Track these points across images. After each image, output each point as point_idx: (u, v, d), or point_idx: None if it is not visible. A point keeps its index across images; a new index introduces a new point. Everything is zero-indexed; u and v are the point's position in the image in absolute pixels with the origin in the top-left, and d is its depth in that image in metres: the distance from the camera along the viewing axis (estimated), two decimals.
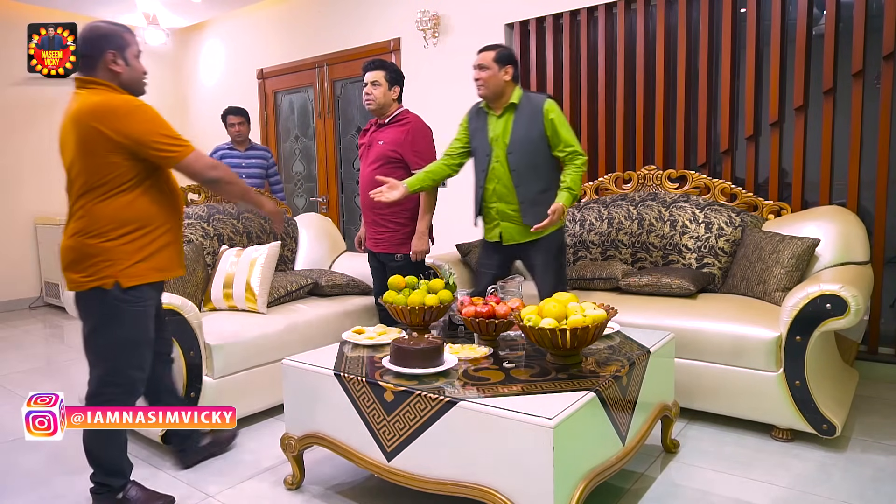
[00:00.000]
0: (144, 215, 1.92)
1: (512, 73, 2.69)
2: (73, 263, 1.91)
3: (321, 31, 5.26)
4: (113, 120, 1.82)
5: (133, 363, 1.99)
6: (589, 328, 1.87)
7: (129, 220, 1.90)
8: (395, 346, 1.96)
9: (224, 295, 2.96)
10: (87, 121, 1.82)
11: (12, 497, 2.21)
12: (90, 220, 1.88)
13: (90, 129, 1.82)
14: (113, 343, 1.94)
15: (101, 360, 1.96)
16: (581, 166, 2.68)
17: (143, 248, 1.93)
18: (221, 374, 2.60)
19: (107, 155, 1.84)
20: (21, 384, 3.47)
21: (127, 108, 1.85)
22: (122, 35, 1.93)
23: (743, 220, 3.09)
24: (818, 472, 2.21)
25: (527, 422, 1.59)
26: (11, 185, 5.59)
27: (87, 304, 1.93)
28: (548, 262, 2.77)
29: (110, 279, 1.88)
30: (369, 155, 2.99)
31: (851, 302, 2.23)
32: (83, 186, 1.88)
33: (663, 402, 2.28)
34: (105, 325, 1.92)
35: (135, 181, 1.90)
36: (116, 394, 1.96)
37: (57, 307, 5.62)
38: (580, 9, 3.87)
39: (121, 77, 1.92)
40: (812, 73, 3.25)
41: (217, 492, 2.20)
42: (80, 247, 1.89)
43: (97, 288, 1.89)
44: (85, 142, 1.84)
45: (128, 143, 1.84)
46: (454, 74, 4.43)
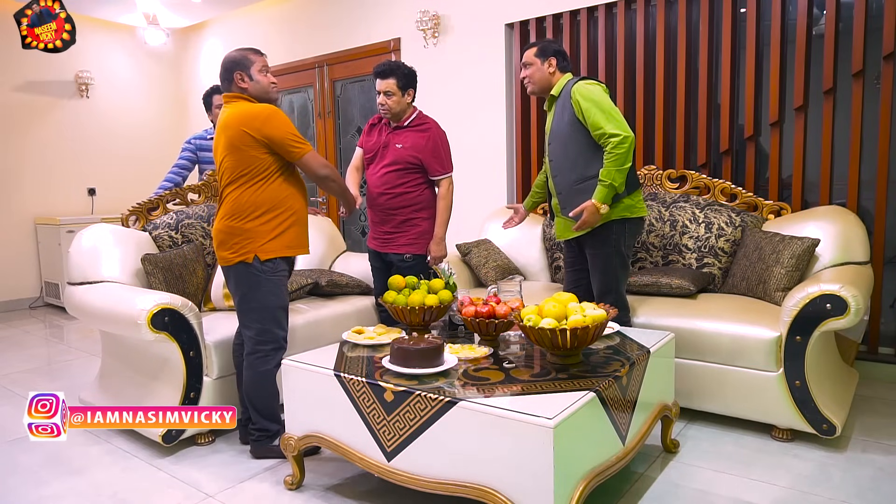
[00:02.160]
0: (277, 200, 2.35)
1: (556, 64, 2.63)
2: (222, 243, 2.36)
3: (321, 31, 5.26)
4: (255, 123, 2.27)
5: (276, 323, 2.39)
6: (589, 328, 1.87)
7: (264, 204, 2.33)
8: (396, 346, 1.96)
9: (224, 295, 2.96)
10: (235, 125, 2.28)
11: (12, 497, 2.21)
12: (235, 206, 2.33)
13: (237, 131, 2.28)
14: (258, 307, 2.36)
15: (252, 322, 2.38)
16: (614, 149, 2.40)
17: (275, 228, 2.35)
18: (221, 374, 2.60)
19: (249, 150, 2.29)
20: (21, 384, 3.47)
21: (266, 114, 2.30)
22: (245, 56, 2.37)
23: (743, 220, 3.09)
24: (818, 472, 2.21)
25: (527, 422, 1.59)
26: (11, 185, 5.59)
27: (236, 277, 2.37)
28: (594, 260, 2.63)
29: (251, 254, 2.33)
30: (385, 156, 2.96)
31: (851, 302, 2.23)
32: (230, 178, 2.34)
33: (663, 402, 2.28)
34: (251, 292, 2.35)
35: (269, 172, 2.33)
36: (267, 350, 2.38)
37: (57, 307, 5.62)
38: (580, 9, 3.87)
39: (248, 90, 2.36)
40: (812, 73, 3.25)
41: (217, 492, 2.20)
42: (226, 229, 2.34)
43: (242, 262, 2.34)
44: (232, 141, 2.30)
45: (266, 140, 2.28)
46: (454, 74, 4.44)
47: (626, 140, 2.41)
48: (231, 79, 2.35)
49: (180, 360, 2.46)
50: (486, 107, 4.33)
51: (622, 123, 2.46)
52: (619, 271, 2.61)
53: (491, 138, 4.31)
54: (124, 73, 6.29)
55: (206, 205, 3.40)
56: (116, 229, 3.01)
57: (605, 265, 2.60)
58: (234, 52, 2.39)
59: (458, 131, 4.19)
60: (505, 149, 4.27)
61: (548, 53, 2.63)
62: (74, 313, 2.80)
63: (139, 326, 2.35)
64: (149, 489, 2.23)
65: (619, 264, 2.60)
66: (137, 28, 6.21)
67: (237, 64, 2.35)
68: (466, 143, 4.27)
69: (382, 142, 2.98)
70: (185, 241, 3.16)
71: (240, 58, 2.36)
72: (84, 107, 6.00)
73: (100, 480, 2.31)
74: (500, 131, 4.28)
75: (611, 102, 2.51)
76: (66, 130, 5.90)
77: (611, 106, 2.49)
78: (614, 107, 2.50)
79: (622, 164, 2.42)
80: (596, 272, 2.64)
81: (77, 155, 5.97)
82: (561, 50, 2.66)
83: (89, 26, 5.94)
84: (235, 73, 2.34)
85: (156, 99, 6.49)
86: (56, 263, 5.48)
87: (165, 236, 3.13)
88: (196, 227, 3.24)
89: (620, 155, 2.41)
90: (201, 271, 3.05)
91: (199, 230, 3.24)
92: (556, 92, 2.64)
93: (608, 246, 2.58)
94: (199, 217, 3.29)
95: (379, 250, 3.05)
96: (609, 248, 2.59)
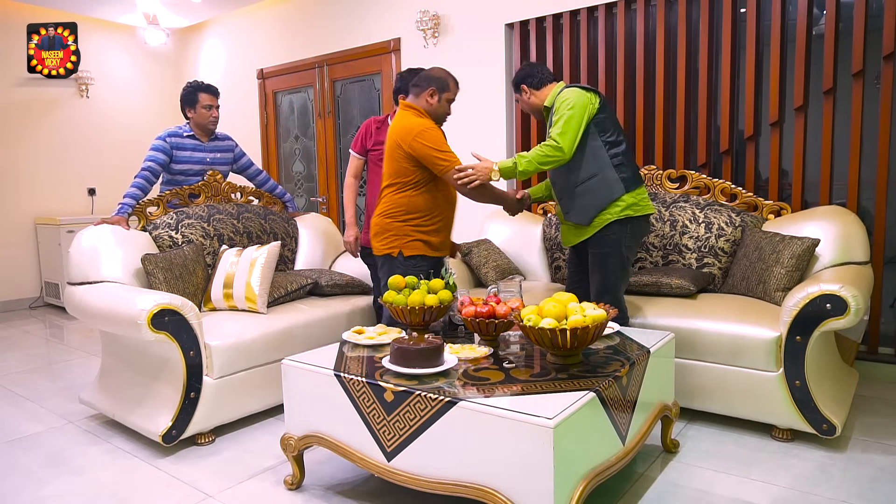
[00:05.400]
0: (423, 207, 2.61)
1: (530, 90, 2.70)
2: (376, 234, 2.68)
3: (321, 31, 5.26)
4: (408, 138, 2.52)
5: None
6: (589, 328, 1.87)
7: (412, 209, 2.60)
8: (396, 346, 1.96)
9: (224, 295, 2.96)
10: (394, 136, 2.58)
11: (12, 497, 2.21)
12: (388, 205, 2.64)
13: (394, 142, 2.58)
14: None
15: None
16: (546, 150, 2.45)
17: (419, 229, 2.62)
18: (221, 374, 2.60)
19: (401, 161, 2.57)
20: (21, 384, 3.47)
21: (418, 130, 2.52)
22: (447, 81, 2.62)
23: (743, 220, 3.09)
24: (818, 472, 2.21)
25: (527, 422, 1.59)
26: (11, 185, 5.59)
27: (383, 265, 2.70)
28: (594, 259, 2.64)
29: (396, 249, 2.63)
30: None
31: (851, 302, 2.23)
32: (386, 181, 2.65)
33: (663, 402, 2.28)
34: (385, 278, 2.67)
35: (419, 181, 2.58)
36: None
37: (57, 307, 5.62)
38: (580, 9, 3.87)
39: (429, 108, 2.60)
40: (812, 73, 3.25)
41: (217, 492, 2.20)
42: (380, 223, 2.66)
43: (388, 254, 2.64)
44: (391, 149, 2.60)
45: (414, 154, 2.52)
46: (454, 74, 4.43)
47: (560, 155, 2.46)
48: (422, 89, 2.58)
49: (180, 360, 2.46)
50: (485, 107, 4.33)
51: (569, 141, 2.47)
52: (618, 273, 2.60)
53: (491, 138, 4.31)
54: (124, 73, 6.29)
55: (206, 205, 3.40)
56: (116, 229, 3.01)
57: (604, 265, 2.60)
58: (441, 71, 2.63)
59: (458, 131, 4.19)
60: (505, 149, 4.27)
61: (518, 84, 2.73)
62: (74, 313, 2.80)
63: (139, 326, 2.35)
64: (149, 489, 2.23)
65: (618, 265, 2.59)
66: (137, 28, 6.21)
67: (436, 82, 2.58)
68: (466, 143, 4.26)
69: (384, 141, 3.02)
70: (185, 241, 3.16)
71: (444, 79, 2.60)
72: (84, 107, 6.00)
73: (100, 480, 2.31)
74: (500, 131, 4.28)
75: (580, 117, 2.48)
76: (65, 130, 5.90)
77: (577, 120, 2.48)
78: (579, 122, 2.48)
79: (539, 164, 2.46)
80: (595, 271, 2.64)
81: (77, 155, 5.98)
82: (526, 73, 2.71)
83: (89, 26, 5.94)
84: (431, 88, 2.57)
85: (156, 99, 6.49)
86: (56, 263, 5.48)
87: (165, 236, 3.13)
88: (196, 228, 3.24)
89: (545, 159, 2.46)
90: (201, 271, 3.05)
91: (199, 230, 3.24)
92: (548, 103, 2.68)
93: (608, 246, 2.58)
94: (199, 217, 3.29)
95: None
96: (608, 248, 2.58)
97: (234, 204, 3.52)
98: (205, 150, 3.49)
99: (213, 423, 2.61)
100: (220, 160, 3.57)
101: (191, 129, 3.45)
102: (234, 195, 3.62)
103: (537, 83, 2.70)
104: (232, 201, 3.56)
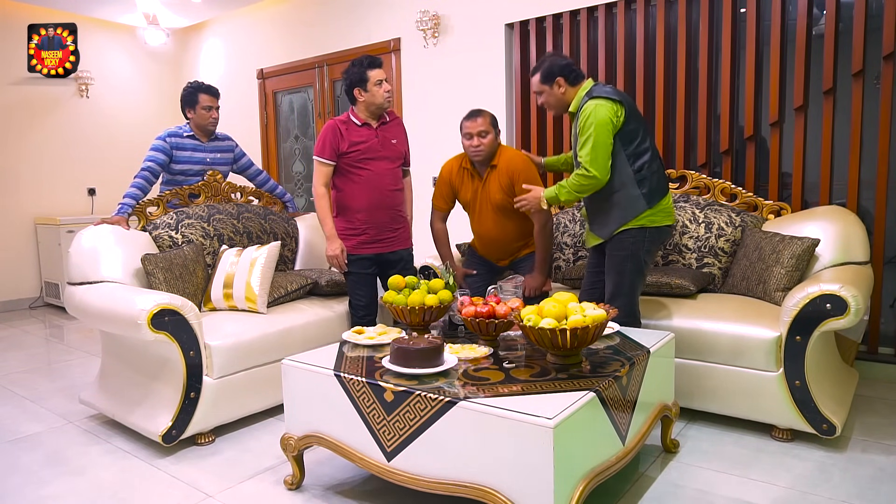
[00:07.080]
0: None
1: (565, 82, 2.57)
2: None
3: (321, 31, 5.26)
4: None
5: None
6: (589, 328, 1.87)
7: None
8: (396, 346, 1.96)
9: (224, 295, 2.96)
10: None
11: (12, 497, 2.21)
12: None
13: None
14: None
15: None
16: (580, 179, 2.47)
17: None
18: (221, 374, 2.60)
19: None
20: (21, 384, 3.47)
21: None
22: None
23: (743, 220, 3.09)
24: (818, 472, 2.21)
25: (527, 422, 1.59)
26: (11, 185, 5.59)
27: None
28: (610, 261, 2.60)
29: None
30: (386, 153, 3.00)
31: (851, 302, 2.23)
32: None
33: (663, 402, 2.28)
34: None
35: None
36: None
37: (57, 307, 5.62)
38: (580, 9, 3.87)
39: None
40: (812, 73, 3.25)
41: (217, 492, 2.20)
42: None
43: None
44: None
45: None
46: (454, 75, 4.44)
47: (594, 182, 2.48)
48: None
49: (180, 360, 2.46)
50: (485, 107, 4.31)
51: (602, 165, 2.45)
52: (633, 276, 2.55)
53: None
54: (124, 73, 6.29)
55: (206, 205, 3.39)
56: (116, 229, 3.01)
57: (619, 267, 2.57)
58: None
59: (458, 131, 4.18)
60: None
61: (553, 76, 2.58)
62: (74, 313, 2.80)
63: (139, 326, 2.35)
64: (149, 489, 2.23)
65: (633, 269, 2.54)
66: (137, 28, 6.21)
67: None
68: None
69: (378, 141, 2.98)
70: (185, 241, 3.16)
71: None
72: (84, 107, 6.00)
73: (100, 480, 2.31)
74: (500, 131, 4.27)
75: (606, 137, 2.45)
76: (65, 130, 5.90)
77: (603, 142, 2.44)
78: (606, 143, 2.45)
79: (577, 192, 2.52)
80: (610, 274, 2.61)
81: (77, 155, 5.97)
82: (565, 65, 2.59)
83: (89, 26, 5.94)
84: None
85: (156, 99, 6.49)
86: (56, 263, 5.48)
87: (165, 236, 3.13)
88: (196, 228, 3.24)
89: (582, 189, 2.51)
90: (201, 271, 3.05)
91: (199, 230, 3.24)
92: (573, 108, 2.61)
93: (624, 249, 2.55)
94: (199, 217, 3.29)
95: (385, 251, 3.04)
96: (625, 252, 2.55)
97: (234, 204, 3.52)
98: (205, 151, 3.49)
99: (213, 423, 2.61)
100: (220, 160, 3.57)
101: (191, 130, 3.46)
102: (234, 195, 3.62)
103: (574, 78, 2.60)
104: (232, 201, 3.56)
